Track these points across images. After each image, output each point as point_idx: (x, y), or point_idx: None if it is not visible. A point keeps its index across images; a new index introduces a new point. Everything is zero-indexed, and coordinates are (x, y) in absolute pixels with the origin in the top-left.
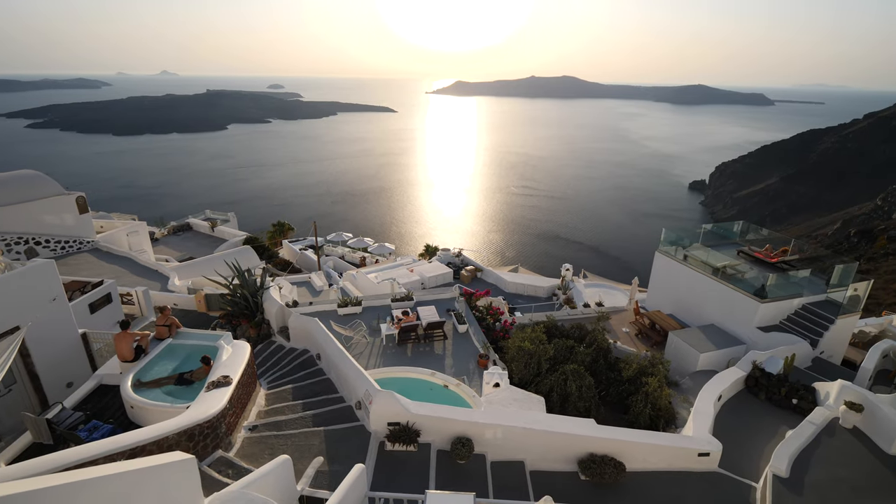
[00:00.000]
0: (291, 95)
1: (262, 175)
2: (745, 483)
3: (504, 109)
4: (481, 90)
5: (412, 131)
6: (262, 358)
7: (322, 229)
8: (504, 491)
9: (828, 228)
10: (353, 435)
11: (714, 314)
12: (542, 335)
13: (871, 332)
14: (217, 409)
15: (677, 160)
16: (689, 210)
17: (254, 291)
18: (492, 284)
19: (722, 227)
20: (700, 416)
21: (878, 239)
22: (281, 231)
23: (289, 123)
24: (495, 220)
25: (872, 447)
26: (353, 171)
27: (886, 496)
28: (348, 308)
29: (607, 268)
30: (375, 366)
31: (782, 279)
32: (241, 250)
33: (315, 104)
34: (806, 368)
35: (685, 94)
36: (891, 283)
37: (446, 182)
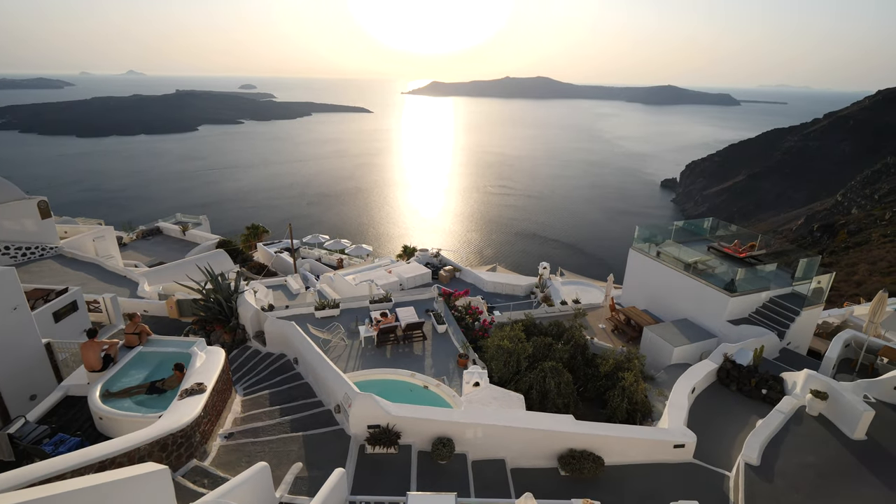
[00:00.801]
0: (264, 96)
1: (235, 177)
2: (719, 472)
3: (480, 110)
4: (457, 90)
5: (388, 132)
6: (237, 364)
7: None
8: (485, 489)
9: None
10: (333, 439)
11: (687, 309)
12: (521, 333)
13: (834, 322)
14: (191, 418)
15: (649, 159)
16: (661, 207)
17: (228, 296)
18: (470, 284)
19: (693, 224)
20: (675, 408)
21: (839, 233)
22: (255, 234)
23: (262, 124)
24: (473, 220)
25: (837, 433)
26: (328, 172)
27: (850, 479)
28: (326, 311)
29: (584, 265)
30: (354, 368)
31: (750, 273)
32: (213, 254)
33: (289, 104)
34: (774, 359)
35: (656, 95)
36: (852, 275)
37: (423, 182)
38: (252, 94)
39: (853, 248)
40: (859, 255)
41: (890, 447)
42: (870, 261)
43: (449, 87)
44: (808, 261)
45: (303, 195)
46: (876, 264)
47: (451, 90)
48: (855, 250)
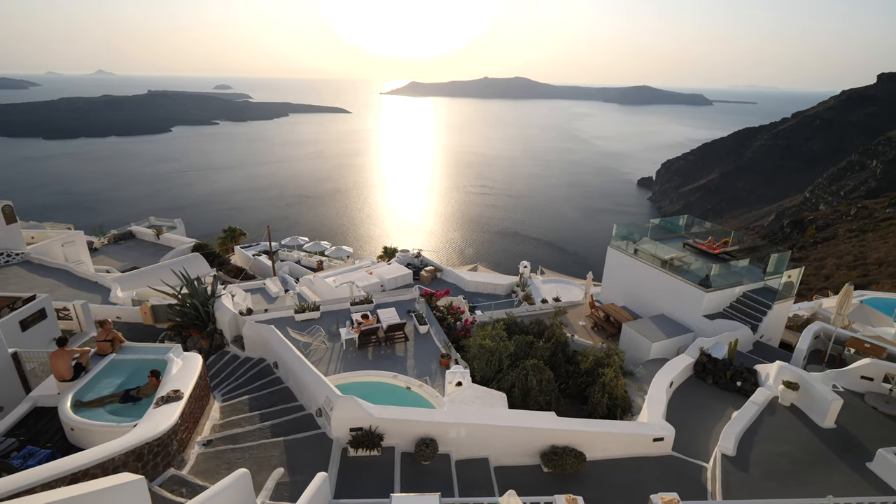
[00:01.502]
0: (240, 96)
1: (210, 179)
2: (697, 464)
3: (459, 110)
4: (435, 91)
5: (367, 132)
6: (215, 369)
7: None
8: (469, 489)
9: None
10: (315, 443)
11: (664, 304)
12: (503, 332)
13: (804, 315)
14: (167, 426)
15: (626, 158)
16: (638, 205)
17: (204, 300)
18: (452, 284)
19: (668, 222)
20: (653, 402)
21: (808, 229)
22: (232, 237)
23: (238, 125)
24: (454, 220)
25: (808, 422)
26: (307, 174)
27: (821, 466)
28: (306, 314)
29: (564, 263)
30: (336, 371)
31: (724, 269)
32: (189, 258)
33: (265, 105)
34: (748, 352)
35: (631, 95)
36: (820, 269)
37: (404, 183)
38: (227, 95)
39: (821, 242)
40: (827, 249)
41: (858, 434)
42: (837, 255)
43: (427, 88)
44: (778, 256)
45: (281, 196)
46: (842, 258)
47: (429, 90)
48: (823, 245)
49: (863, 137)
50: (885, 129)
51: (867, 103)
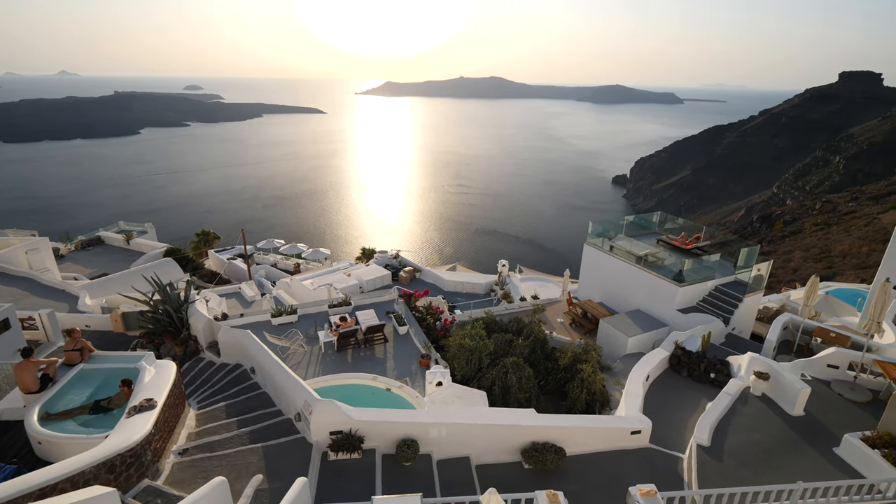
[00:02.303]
0: (211, 97)
1: (182, 181)
2: (674, 455)
3: (435, 110)
4: (411, 91)
5: (343, 133)
6: (190, 376)
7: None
8: (451, 488)
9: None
10: (294, 448)
11: (639, 300)
12: (482, 331)
13: (773, 307)
14: (140, 436)
15: (600, 156)
16: (613, 202)
17: (177, 306)
18: (431, 284)
19: (642, 218)
20: (631, 396)
21: (776, 223)
22: (206, 240)
23: (210, 126)
24: (432, 219)
25: (778, 410)
26: (282, 175)
27: (791, 453)
28: (283, 317)
29: (542, 260)
30: (315, 375)
31: (697, 264)
32: (161, 263)
33: (238, 106)
34: (721, 344)
35: (605, 94)
36: (788, 262)
37: (381, 183)
38: (198, 96)
39: (788, 236)
40: (794, 242)
41: (825, 420)
42: (803, 248)
43: (403, 88)
44: (748, 250)
45: (257, 198)
46: (809, 251)
47: (405, 90)
48: (790, 239)
49: (826, 134)
50: (847, 126)
51: (829, 101)
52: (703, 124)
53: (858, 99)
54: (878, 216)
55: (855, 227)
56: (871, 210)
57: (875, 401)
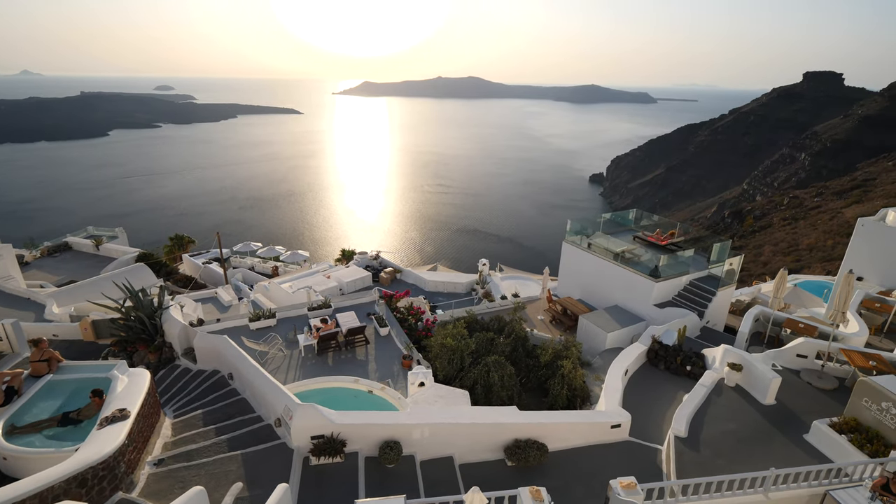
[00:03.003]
0: (183, 97)
1: (155, 184)
2: (653, 447)
3: (413, 110)
4: (389, 91)
5: (320, 133)
6: (165, 384)
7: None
8: (435, 488)
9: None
10: (275, 454)
11: (617, 296)
12: (464, 330)
13: (745, 300)
14: (113, 447)
15: (578, 155)
16: (590, 200)
17: (151, 313)
18: (412, 285)
19: (619, 216)
20: (610, 391)
21: (747, 219)
22: (180, 244)
23: (183, 127)
24: (412, 219)
25: (751, 400)
26: (259, 176)
27: (764, 441)
28: (261, 322)
29: (522, 259)
30: (295, 379)
31: (672, 259)
32: (133, 269)
33: (212, 106)
34: (696, 337)
35: (581, 94)
36: (759, 256)
37: (360, 184)
38: (170, 96)
39: (759, 231)
40: (764, 237)
41: (795, 408)
42: (773, 242)
43: (381, 88)
44: (720, 245)
45: (233, 200)
46: (778, 245)
47: (383, 90)
48: (760, 233)
49: (792, 132)
50: (811, 124)
51: (794, 100)
52: (676, 123)
53: (822, 98)
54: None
55: (820, 222)
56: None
57: (841, 388)
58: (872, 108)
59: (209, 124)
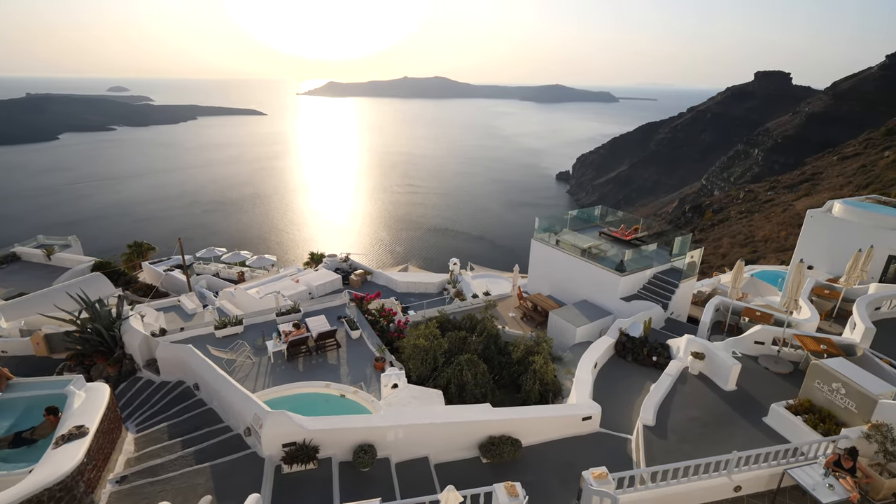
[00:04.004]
0: (139, 99)
1: (110, 189)
2: (622, 437)
3: (380, 110)
4: (355, 91)
5: (285, 134)
6: (126, 398)
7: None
8: (410, 489)
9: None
10: (245, 464)
11: (585, 291)
12: (436, 330)
13: (706, 291)
14: (71, 467)
15: (544, 154)
16: (557, 198)
17: (109, 324)
18: (383, 286)
19: (585, 213)
20: (581, 384)
21: (706, 213)
22: (139, 252)
23: (139, 130)
24: (382, 220)
25: (714, 387)
26: (222, 179)
27: (727, 425)
28: (227, 329)
29: (493, 256)
30: (264, 386)
31: (636, 254)
32: (88, 279)
33: (170, 108)
34: (661, 329)
35: (546, 94)
36: (718, 248)
37: (328, 185)
38: (124, 98)
39: (717, 224)
40: (722, 230)
41: (754, 393)
42: (730, 235)
43: (346, 88)
44: (682, 239)
45: (195, 204)
46: (735, 237)
47: (348, 91)
48: (719, 226)
49: (746, 129)
50: (763, 121)
51: (747, 98)
52: (638, 121)
53: (772, 96)
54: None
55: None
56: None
57: (796, 371)
58: (818, 106)
59: (167, 126)
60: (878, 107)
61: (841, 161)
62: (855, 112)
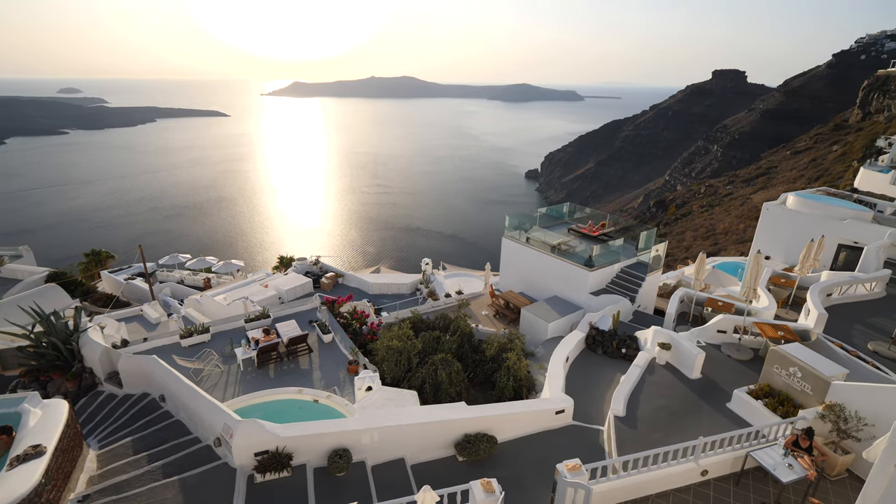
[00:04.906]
0: (93, 101)
1: (64, 196)
2: (595, 428)
3: (347, 110)
4: (321, 91)
5: (250, 136)
6: (87, 413)
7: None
8: (387, 492)
9: (634, 202)
10: (216, 476)
11: (555, 286)
12: (409, 331)
13: (671, 283)
14: (27, 489)
15: (513, 152)
16: (526, 196)
17: (66, 337)
18: (354, 288)
19: (554, 210)
20: (553, 378)
21: (670, 207)
22: (97, 261)
23: (94, 133)
24: (353, 221)
25: (680, 376)
26: (184, 183)
27: (693, 412)
28: (194, 337)
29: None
30: (234, 395)
31: (604, 249)
32: (42, 290)
33: (126, 110)
34: (629, 321)
35: (513, 92)
36: (681, 241)
37: (296, 187)
38: (77, 100)
39: (680, 218)
40: (685, 224)
41: (718, 380)
42: (693, 228)
43: (312, 88)
44: (647, 233)
45: (157, 209)
46: (698, 230)
47: (314, 91)
48: (682, 220)
49: (705, 125)
50: (721, 118)
51: (706, 96)
52: (603, 119)
53: (729, 94)
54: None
55: (733, 207)
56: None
57: (756, 358)
58: (771, 103)
59: (124, 129)
60: (826, 103)
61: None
62: (805, 108)
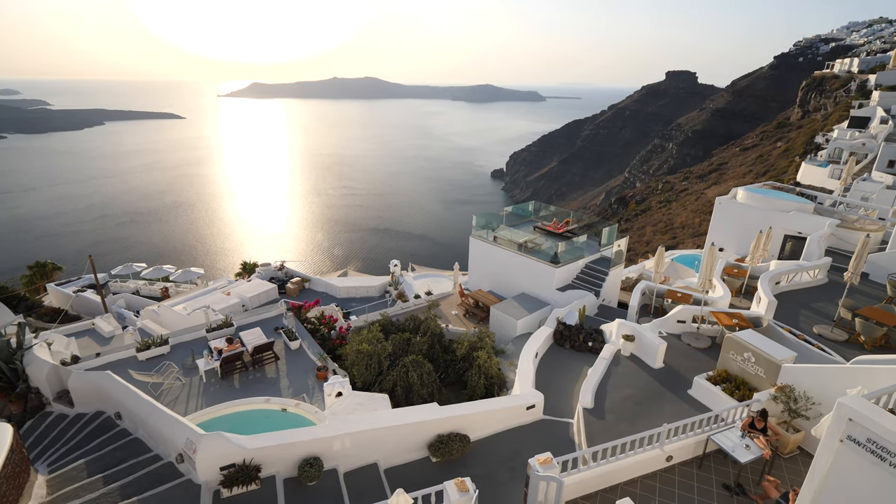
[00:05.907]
0: (33, 102)
1: (5, 204)
2: (565, 422)
3: (309, 111)
4: (281, 92)
5: (207, 139)
6: (35, 436)
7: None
8: (361, 498)
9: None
10: (179, 494)
11: (523, 284)
12: (379, 334)
13: (633, 277)
14: None
15: (478, 152)
16: (493, 195)
17: (8, 356)
18: (322, 293)
19: (520, 208)
20: (523, 374)
21: (630, 204)
22: (43, 273)
23: (35, 138)
24: (318, 223)
25: (644, 366)
26: (137, 189)
27: (657, 400)
28: (152, 350)
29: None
30: (197, 408)
31: (569, 245)
32: None
33: (71, 113)
34: (595, 315)
35: (477, 93)
36: (642, 236)
37: (258, 190)
38: (16, 102)
39: (640, 214)
40: (645, 219)
41: (679, 368)
42: (652, 223)
43: (272, 89)
44: (609, 229)
45: (108, 217)
46: (657, 225)
47: (274, 91)
48: (642, 216)
49: (660, 124)
50: (675, 117)
51: (660, 96)
52: (564, 119)
53: (681, 94)
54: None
55: (689, 202)
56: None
57: (714, 345)
58: (720, 102)
59: (69, 133)
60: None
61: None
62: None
